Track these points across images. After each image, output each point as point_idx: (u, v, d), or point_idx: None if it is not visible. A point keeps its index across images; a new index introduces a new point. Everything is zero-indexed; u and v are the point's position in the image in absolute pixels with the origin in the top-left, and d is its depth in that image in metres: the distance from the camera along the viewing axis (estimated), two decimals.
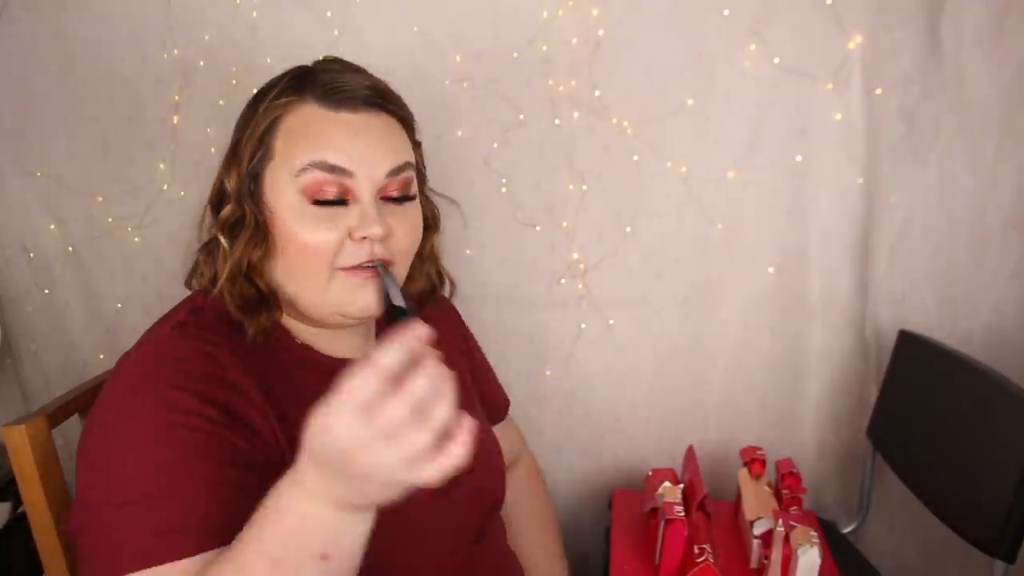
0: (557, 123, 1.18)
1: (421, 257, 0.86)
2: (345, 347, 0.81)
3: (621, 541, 1.11)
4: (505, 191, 1.23)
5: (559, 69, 1.16)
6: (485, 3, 1.14)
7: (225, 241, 0.74)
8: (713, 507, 1.04)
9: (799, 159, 1.16)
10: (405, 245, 0.76)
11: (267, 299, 0.75)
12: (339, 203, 0.72)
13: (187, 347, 0.69)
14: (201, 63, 1.19)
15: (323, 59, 0.78)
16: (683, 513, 1.00)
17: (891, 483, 1.20)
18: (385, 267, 0.67)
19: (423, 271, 0.88)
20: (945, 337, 1.15)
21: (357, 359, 0.82)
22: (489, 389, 1.04)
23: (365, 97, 0.74)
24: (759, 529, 1.03)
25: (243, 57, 1.18)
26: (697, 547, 0.95)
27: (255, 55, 1.18)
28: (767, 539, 1.02)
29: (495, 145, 1.21)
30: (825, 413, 1.28)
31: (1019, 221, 1.13)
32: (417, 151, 0.82)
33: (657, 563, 1.01)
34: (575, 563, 1.08)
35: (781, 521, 0.97)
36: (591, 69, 1.15)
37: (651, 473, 1.15)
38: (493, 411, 1.04)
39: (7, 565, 1.29)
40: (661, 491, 1.06)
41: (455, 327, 1.01)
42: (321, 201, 0.71)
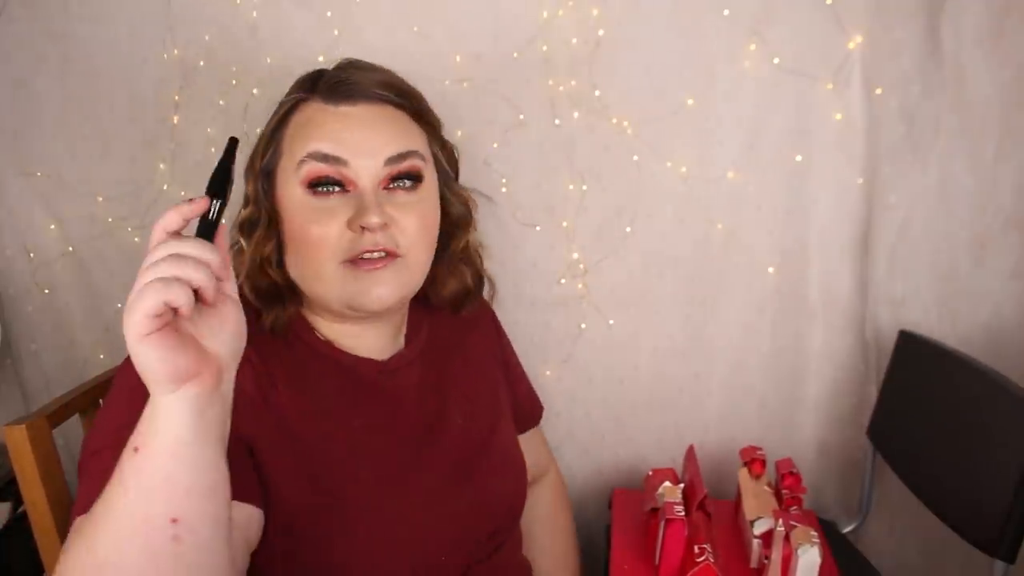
0: (557, 123, 1.18)
1: (453, 256, 0.86)
2: (367, 346, 0.81)
3: (621, 541, 1.11)
4: (505, 191, 1.23)
5: (559, 69, 1.16)
6: (485, 3, 1.14)
7: (243, 240, 0.76)
8: (713, 507, 1.04)
9: (799, 159, 1.16)
10: (413, 236, 0.75)
11: (282, 292, 0.77)
12: (338, 193, 0.72)
13: None
14: (201, 63, 1.19)
15: (343, 61, 0.79)
16: (683, 513, 1.00)
17: (891, 483, 1.20)
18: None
19: (455, 270, 0.87)
20: (945, 337, 1.15)
21: (375, 359, 0.81)
22: (521, 396, 1.03)
23: (369, 91, 0.75)
24: (759, 529, 1.03)
25: (243, 57, 1.18)
26: (697, 547, 0.95)
27: (255, 55, 1.18)
28: (767, 539, 1.02)
29: (495, 145, 1.21)
30: (825, 413, 1.28)
31: (1019, 221, 1.13)
32: (438, 145, 0.83)
33: (657, 563, 1.01)
34: None
35: (781, 521, 0.97)
36: (591, 69, 1.15)
37: (651, 473, 1.15)
38: (524, 418, 1.03)
39: (7, 565, 1.28)
40: (661, 491, 1.06)
41: (491, 336, 1.00)
42: (319, 187, 0.72)
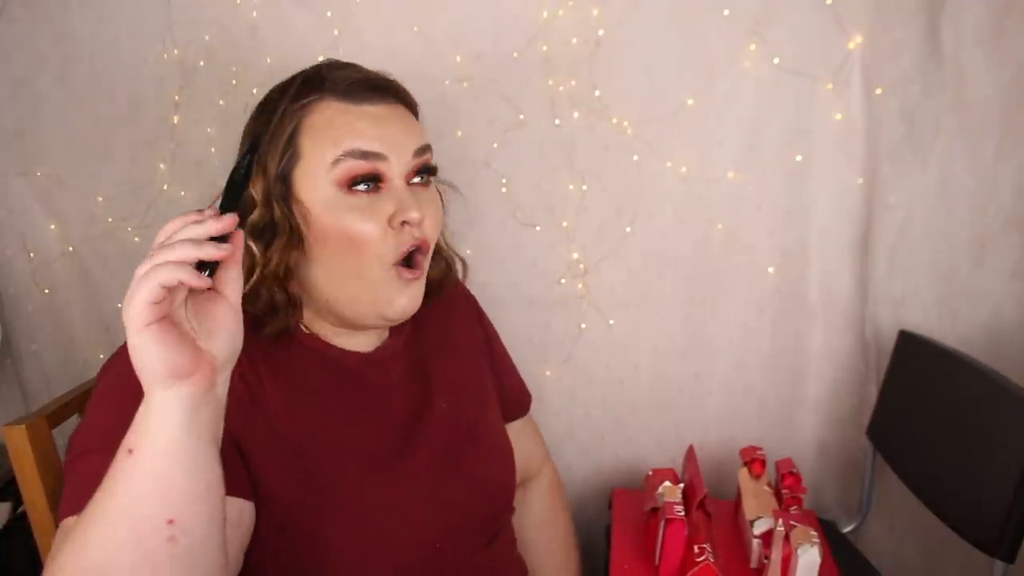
0: (557, 123, 1.19)
1: (438, 245, 0.87)
2: (356, 341, 0.82)
3: (621, 541, 1.11)
4: (505, 191, 1.23)
5: (559, 69, 1.16)
6: (485, 3, 1.14)
7: (256, 247, 0.74)
8: (713, 507, 1.04)
9: (799, 159, 1.16)
10: (434, 230, 0.78)
11: (294, 303, 0.76)
12: (373, 191, 0.73)
13: None
14: (201, 63, 1.19)
15: (324, 62, 0.79)
16: (683, 513, 1.00)
17: (891, 483, 1.20)
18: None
19: (436, 258, 0.89)
20: (945, 337, 1.15)
21: (360, 352, 0.81)
22: (509, 384, 1.02)
23: (378, 88, 0.77)
24: (759, 529, 1.04)
25: (243, 57, 1.18)
26: (697, 547, 0.95)
27: (255, 55, 1.18)
28: (767, 539, 1.02)
29: (495, 145, 1.21)
30: (825, 413, 1.28)
31: (1019, 221, 1.13)
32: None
33: (657, 563, 1.01)
34: None
35: (781, 521, 0.97)
36: (591, 69, 1.15)
37: (651, 473, 1.15)
38: (512, 406, 1.02)
39: (7, 565, 1.28)
40: (661, 491, 1.06)
41: (474, 323, 1.00)
42: (358, 184, 0.72)
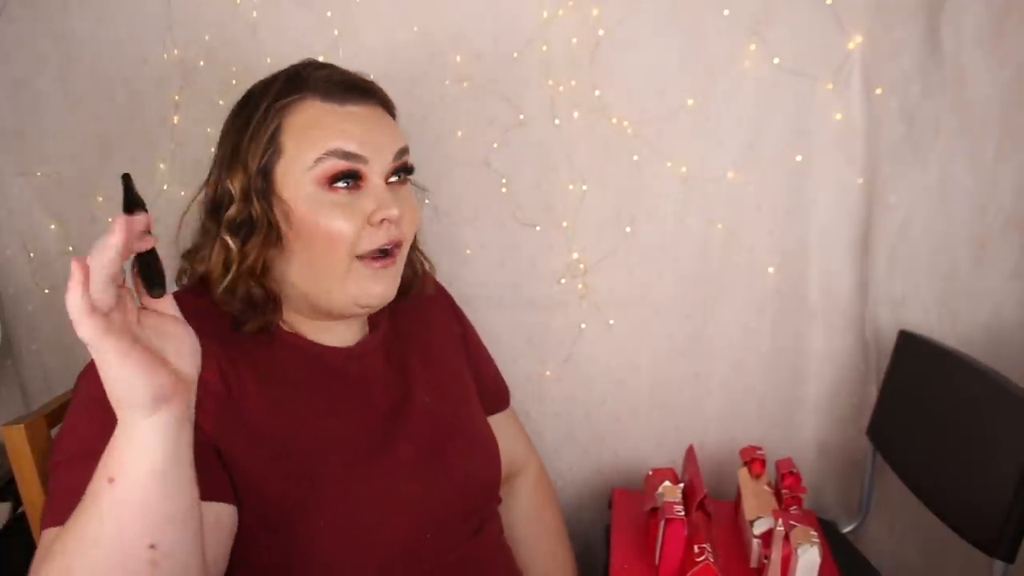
0: (557, 123, 1.18)
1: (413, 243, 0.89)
2: (339, 337, 0.83)
3: (621, 541, 1.11)
4: (505, 191, 1.23)
5: (559, 69, 1.16)
6: (485, 3, 1.14)
7: (232, 241, 0.75)
8: (713, 507, 1.04)
9: (799, 159, 1.16)
10: (411, 228, 0.80)
11: (272, 299, 0.77)
12: (353, 188, 0.75)
13: None
14: (201, 63, 1.19)
15: (304, 62, 0.80)
16: (683, 513, 1.00)
17: (891, 483, 1.20)
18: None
19: (410, 256, 0.90)
20: (945, 337, 1.15)
21: (341, 347, 0.82)
22: (487, 377, 1.03)
23: (360, 89, 0.78)
24: (759, 529, 1.03)
25: (243, 57, 1.18)
26: (697, 547, 0.95)
27: (255, 55, 1.18)
28: (767, 539, 1.02)
29: (495, 145, 1.21)
30: (825, 413, 1.28)
31: (1019, 221, 1.13)
32: None
33: (657, 563, 1.01)
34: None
35: (781, 521, 0.97)
36: (591, 69, 1.15)
37: (651, 473, 1.15)
38: (492, 400, 1.02)
39: (7, 565, 1.28)
40: (661, 491, 1.06)
41: (448, 314, 1.01)
42: (338, 182, 0.74)
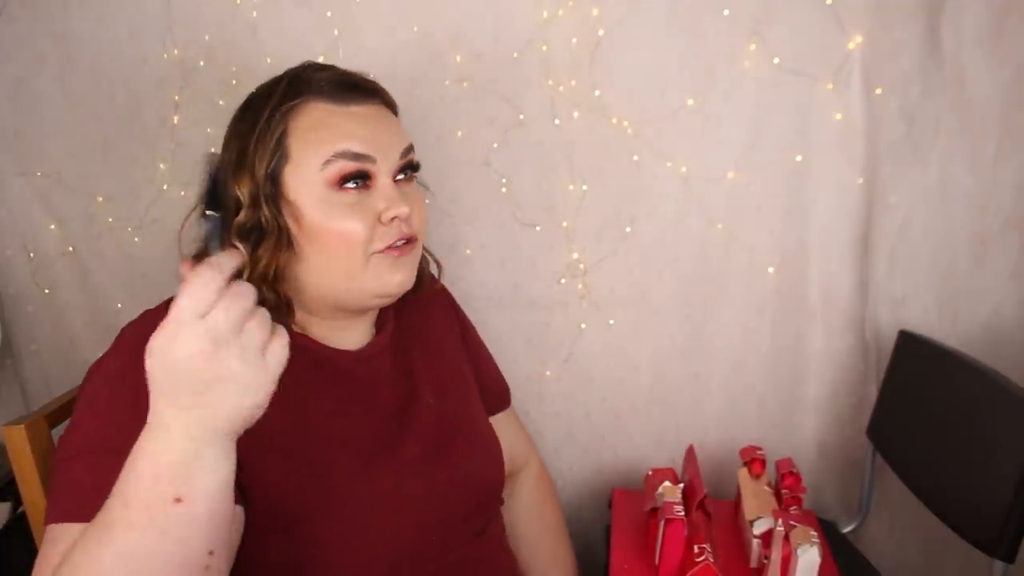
0: (557, 123, 1.18)
1: None
2: (351, 339, 0.83)
3: (621, 541, 1.11)
4: (505, 191, 1.23)
5: (559, 69, 1.16)
6: (485, 3, 1.14)
7: (243, 247, 0.74)
8: (713, 507, 1.04)
9: (799, 159, 1.16)
10: (421, 223, 0.81)
11: (285, 303, 0.77)
12: (362, 188, 0.75)
13: None
14: (201, 63, 1.19)
15: (304, 64, 0.80)
16: (683, 513, 1.00)
17: (891, 483, 1.20)
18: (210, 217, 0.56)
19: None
20: (945, 337, 1.15)
21: (350, 350, 0.82)
22: (488, 377, 1.03)
23: (363, 89, 0.79)
24: (759, 529, 1.03)
25: (243, 57, 1.18)
26: (697, 547, 0.95)
27: (255, 55, 1.18)
28: (767, 539, 1.02)
29: (495, 145, 1.21)
30: (825, 413, 1.28)
31: (1019, 221, 1.13)
32: None
33: (657, 563, 1.01)
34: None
35: (781, 521, 0.97)
36: (591, 69, 1.15)
37: (651, 473, 1.15)
38: (493, 399, 1.03)
39: (7, 565, 1.28)
40: (661, 491, 1.06)
41: (449, 313, 1.01)
42: (348, 182, 0.74)
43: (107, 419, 0.65)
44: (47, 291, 1.34)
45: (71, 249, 1.31)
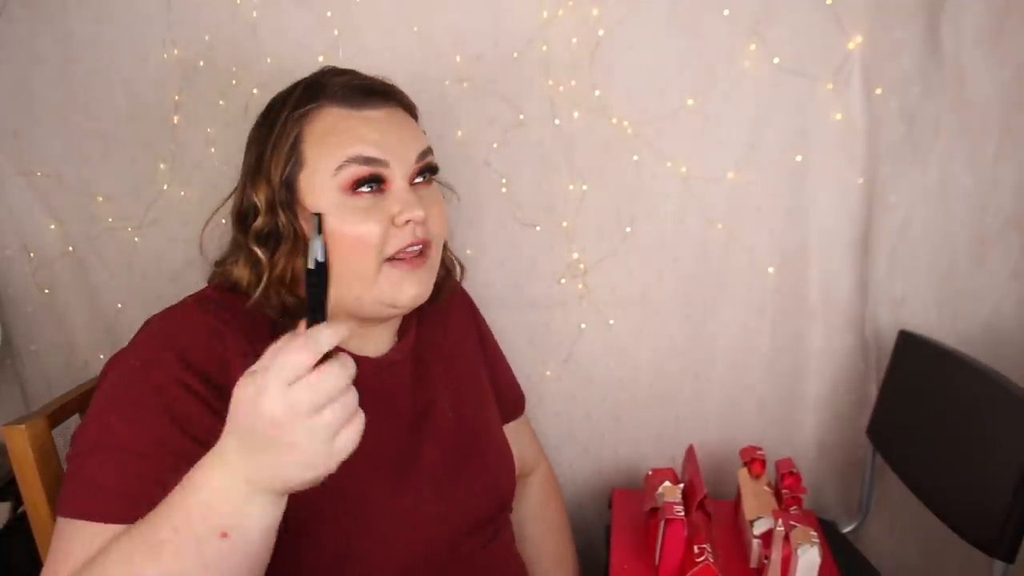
0: (557, 123, 1.18)
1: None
2: (372, 346, 0.83)
3: (621, 541, 1.11)
4: (505, 191, 1.23)
5: (559, 69, 1.16)
6: (485, 3, 1.14)
7: (261, 252, 0.75)
8: (713, 507, 1.04)
9: (799, 159, 1.16)
10: (439, 227, 0.80)
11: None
12: (376, 192, 0.75)
13: (204, 320, 0.72)
14: (201, 63, 1.19)
15: (323, 69, 0.80)
16: (683, 513, 1.00)
17: (891, 483, 1.20)
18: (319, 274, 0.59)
19: (444, 254, 0.89)
20: (945, 337, 1.15)
21: (371, 357, 0.82)
22: (504, 383, 1.03)
23: (378, 92, 0.78)
24: (759, 529, 1.03)
25: (243, 57, 1.18)
26: (697, 547, 0.95)
27: (255, 55, 1.18)
28: (767, 539, 1.02)
29: (495, 145, 1.21)
30: (825, 413, 1.28)
31: (1019, 221, 1.13)
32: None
33: (657, 563, 1.01)
34: None
35: (781, 521, 0.97)
36: (591, 69, 1.15)
37: (651, 473, 1.15)
38: (508, 406, 1.03)
39: (7, 565, 1.28)
40: (661, 491, 1.06)
41: (467, 315, 1.01)
42: (361, 187, 0.74)
43: (126, 417, 0.65)
44: (47, 291, 1.34)
45: (71, 249, 1.31)
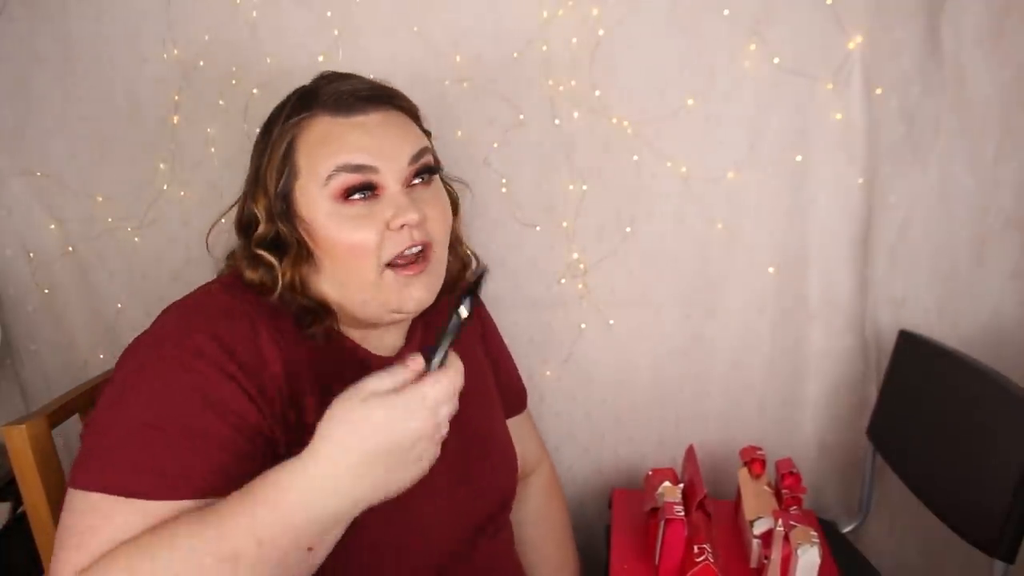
0: (557, 123, 1.18)
1: (453, 241, 0.88)
2: (388, 345, 0.83)
3: (621, 541, 1.11)
4: (505, 191, 1.23)
5: (559, 69, 1.16)
6: (485, 3, 1.14)
7: (270, 256, 0.75)
8: (713, 507, 1.04)
9: (799, 159, 1.16)
10: (440, 227, 0.79)
11: (324, 306, 0.77)
12: (370, 198, 0.74)
13: (233, 304, 0.72)
14: (201, 63, 1.19)
15: (321, 75, 0.80)
16: (683, 513, 1.00)
17: (891, 483, 1.20)
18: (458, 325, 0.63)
19: (455, 255, 0.89)
20: (945, 337, 1.15)
21: (385, 356, 0.83)
22: (507, 378, 1.03)
23: (370, 97, 0.77)
24: (759, 529, 1.03)
25: (243, 57, 1.18)
26: (697, 547, 0.95)
27: (255, 55, 1.18)
28: (767, 539, 1.02)
29: (495, 145, 1.21)
30: (825, 413, 1.28)
31: (1019, 221, 1.13)
32: (429, 138, 0.84)
33: (657, 563, 1.01)
34: None
35: (781, 521, 0.97)
36: (591, 69, 1.15)
37: (651, 473, 1.15)
38: (511, 400, 1.03)
39: (7, 565, 1.28)
40: (661, 491, 1.06)
41: (474, 317, 1.00)
42: (353, 195, 0.73)
43: (151, 392, 0.65)
44: (47, 291, 1.34)
45: (71, 249, 1.31)
